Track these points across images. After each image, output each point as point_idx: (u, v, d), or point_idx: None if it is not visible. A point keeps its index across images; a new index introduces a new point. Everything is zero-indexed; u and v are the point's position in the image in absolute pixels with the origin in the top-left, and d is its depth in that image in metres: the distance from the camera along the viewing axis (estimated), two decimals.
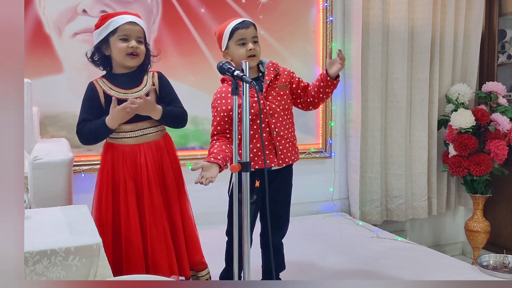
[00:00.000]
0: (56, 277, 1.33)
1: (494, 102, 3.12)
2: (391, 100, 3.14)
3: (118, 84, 1.85)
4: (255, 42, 1.89)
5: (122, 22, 1.81)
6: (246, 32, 1.87)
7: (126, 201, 1.82)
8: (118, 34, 1.81)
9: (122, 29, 1.81)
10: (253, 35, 1.89)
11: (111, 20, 1.82)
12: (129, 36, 1.82)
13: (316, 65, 3.13)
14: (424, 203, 3.22)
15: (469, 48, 3.29)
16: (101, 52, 1.86)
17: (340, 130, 3.21)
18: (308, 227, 2.87)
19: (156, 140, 1.89)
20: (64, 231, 1.47)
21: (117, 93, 1.84)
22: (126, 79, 1.87)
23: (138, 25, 1.85)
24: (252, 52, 1.87)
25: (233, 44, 1.88)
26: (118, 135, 1.85)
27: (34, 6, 2.54)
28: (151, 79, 1.91)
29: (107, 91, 1.83)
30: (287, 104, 1.96)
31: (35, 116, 2.43)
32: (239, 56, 1.87)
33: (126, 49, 1.81)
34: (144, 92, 1.86)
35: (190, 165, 2.83)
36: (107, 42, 1.83)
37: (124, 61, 1.83)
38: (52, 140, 2.49)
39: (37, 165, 1.96)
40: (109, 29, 1.81)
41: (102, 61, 1.88)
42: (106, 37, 1.83)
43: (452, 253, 3.27)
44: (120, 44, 1.81)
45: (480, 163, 2.99)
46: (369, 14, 3.04)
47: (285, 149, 1.93)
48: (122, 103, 1.80)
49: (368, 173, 3.13)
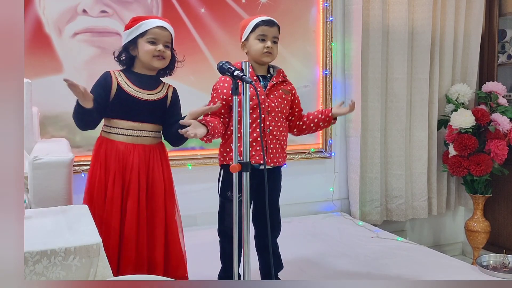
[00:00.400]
0: (56, 277, 1.33)
1: (494, 102, 3.12)
2: (391, 100, 3.14)
3: (134, 81, 1.88)
4: (274, 42, 1.93)
5: (152, 26, 1.85)
6: (269, 29, 1.91)
7: (112, 200, 1.83)
8: (147, 36, 1.85)
9: (151, 32, 1.85)
10: (275, 35, 1.93)
11: (142, 22, 1.85)
12: (157, 40, 1.86)
13: (316, 65, 3.13)
14: (424, 203, 3.22)
15: (469, 48, 3.29)
16: (128, 52, 1.89)
17: (340, 130, 3.21)
18: (308, 227, 2.87)
19: (151, 144, 1.90)
20: (64, 231, 1.47)
21: (131, 89, 1.85)
22: (144, 79, 1.89)
23: (167, 30, 1.88)
24: (269, 49, 1.90)
25: (253, 37, 1.91)
26: (115, 130, 1.86)
27: (34, 6, 2.54)
28: (166, 89, 1.94)
29: (122, 85, 1.85)
30: (286, 109, 1.98)
31: (35, 116, 2.42)
32: (256, 51, 1.90)
33: (153, 52, 1.85)
34: (156, 97, 1.89)
35: (190, 165, 2.85)
36: (135, 43, 1.87)
37: (151, 62, 1.86)
38: (52, 140, 2.49)
39: (37, 165, 1.96)
40: (138, 31, 1.85)
41: (128, 61, 1.91)
42: (135, 38, 1.86)
43: (452, 253, 3.27)
44: (148, 47, 1.85)
45: (480, 163, 2.99)
46: (369, 14, 3.05)
47: (275, 149, 1.93)
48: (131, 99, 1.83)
49: (368, 173, 3.13)
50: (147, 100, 1.87)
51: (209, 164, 2.82)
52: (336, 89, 3.17)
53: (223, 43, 2.88)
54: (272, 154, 1.92)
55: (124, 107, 1.85)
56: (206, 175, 2.81)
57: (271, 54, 1.91)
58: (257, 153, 1.88)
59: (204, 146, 2.87)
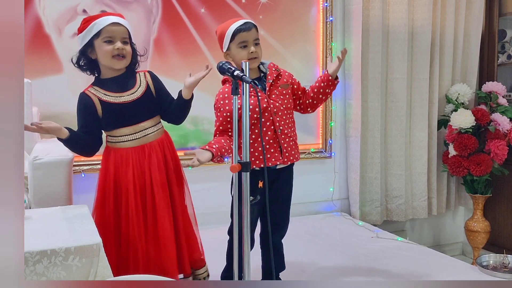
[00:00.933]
0: (56, 277, 1.33)
1: (494, 102, 3.12)
2: (391, 100, 3.14)
3: (110, 88, 1.82)
4: (256, 45, 1.91)
5: (106, 24, 1.77)
6: (248, 35, 1.88)
7: (127, 203, 1.81)
8: (102, 36, 1.77)
9: (106, 30, 1.77)
10: (255, 38, 1.91)
11: (94, 22, 1.78)
12: (114, 38, 1.78)
13: (316, 65, 3.12)
14: (424, 203, 3.21)
15: (469, 48, 3.29)
16: (87, 56, 1.82)
17: (340, 130, 3.21)
18: (308, 227, 2.87)
19: (158, 138, 1.89)
20: (64, 231, 1.47)
21: (113, 97, 1.81)
22: (117, 82, 1.84)
23: (122, 26, 1.80)
24: (253, 55, 1.88)
25: (235, 46, 1.88)
26: (118, 139, 1.84)
27: (34, 6, 2.54)
28: (144, 79, 1.89)
29: (103, 98, 1.80)
30: (289, 103, 1.98)
31: (35, 116, 2.42)
32: (241, 59, 1.88)
33: (112, 51, 1.77)
34: (140, 92, 1.84)
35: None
36: (91, 45, 1.79)
37: (111, 63, 1.80)
38: (52, 140, 2.48)
39: (37, 165, 1.96)
40: (92, 32, 1.77)
41: (89, 66, 1.85)
42: (90, 40, 1.78)
43: (452, 253, 3.27)
44: (105, 47, 1.77)
45: (480, 163, 2.99)
46: (369, 14, 3.04)
47: (289, 147, 1.94)
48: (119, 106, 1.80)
49: (368, 173, 3.13)
50: (134, 100, 1.83)
51: (209, 164, 2.80)
52: (336, 89, 3.16)
53: None
54: (288, 153, 1.93)
55: (118, 117, 1.81)
56: (206, 175, 2.81)
57: (256, 58, 1.90)
58: (272, 155, 1.89)
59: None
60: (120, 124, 1.82)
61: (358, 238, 2.72)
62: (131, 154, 1.83)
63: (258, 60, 1.92)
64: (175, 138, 2.85)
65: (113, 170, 1.83)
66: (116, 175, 1.83)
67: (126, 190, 1.81)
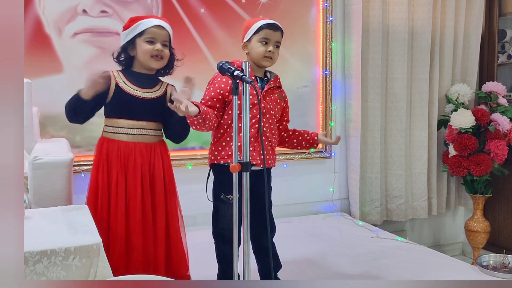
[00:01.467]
0: (56, 277, 1.33)
1: (494, 102, 3.12)
2: (391, 100, 3.14)
3: (132, 80, 1.88)
4: (277, 47, 1.93)
5: (150, 25, 1.85)
6: (272, 34, 1.91)
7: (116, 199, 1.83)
8: (144, 36, 1.85)
9: (149, 31, 1.85)
10: (277, 40, 1.93)
11: (139, 22, 1.86)
12: (155, 39, 1.86)
13: (316, 65, 3.13)
14: (424, 203, 3.22)
15: (469, 48, 3.29)
16: (127, 52, 1.89)
17: (340, 130, 3.21)
18: (308, 227, 2.87)
19: (152, 143, 1.90)
20: (64, 231, 1.47)
21: (130, 88, 1.86)
22: (142, 78, 1.90)
23: (164, 29, 1.88)
24: (270, 54, 1.91)
25: (256, 40, 1.91)
26: (116, 129, 1.87)
27: (34, 6, 2.54)
28: (164, 88, 1.94)
29: (120, 84, 1.85)
30: (278, 113, 2.00)
31: (35, 116, 2.42)
32: (257, 53, 1.90)
33: (151, 51, 1.85)
34: (155, 95, 1.89)
35: (190, 165, 2.85)
36: (133, 43, 1.87)
37: (148, 62, 1.87)
38: (52, 140, 2.49)
39: (37, 165, 1.96)
40: (136, 31, 1.85)
41: (127, 61, 1.91)
42: (133, 38, 1.86)
43: (452, 253, 3.27)
44: (145, 46, 1.85)
45: (480, 163, 2.99)
46: (369, 14, 3.05)
47: (267, 151, 1.93)
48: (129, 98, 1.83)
49: (368, 173, 3.13)
50: (146, 99, 1.87)
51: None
52: (336, 89, 3.17)
53: (223, 43, 2.88)
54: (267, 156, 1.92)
55: (124, 106, 1.85)
56: (206, 175, 2.81)
57: (271, 59, 1.92)
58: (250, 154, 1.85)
59: (204, 146, 2.87)
60: (121, 115, 1.85)
61: (358, 238, 2.72)
62: (122, 148, 1.85)
63: (272, 62, 1.94)
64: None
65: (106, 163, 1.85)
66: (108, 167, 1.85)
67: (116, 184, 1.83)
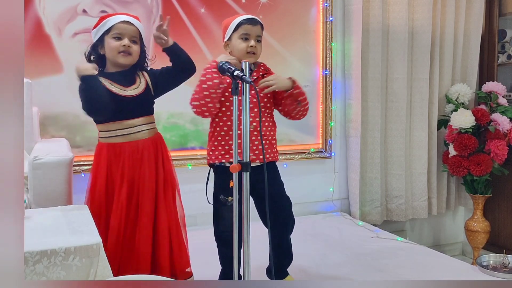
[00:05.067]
0: (56, 277, 1.33)
1: (494, 102, 3.12)
2: (391, 100, 3.14)
3: (117, 81, 1.86)
4: (258, 41, 1.91)
5: (117, 21, 1.83)
6: (252, 28, 1.89)
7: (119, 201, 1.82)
8: (112, 32, 1.83)
9: (116, 27, 1.83)
10: (258, 34, 1.91)
11: (107, 19, 1.84)
12: (122, 35, 1.83)
13: (316, 65, 3.13)
14: (424, 203, 3.22)
15: (469, 48, 3.29)
16: (97, 51, 1.87)
17: (340, 130, 3.21)
18: (308, 227, 2.87)
19: (149, 137, 1.90)
20: (64, 231, 1.47)
21: (119, 89, 1.84)
22: (120, 77, 1.87)
23: (133, 25, 1.85)
24: (252, 49, 1.88)
25: (236, 37, 1.90)
26: (112, 133, 1.85)
27: (34, 6, 2.54)
28: (143, 78, 1.92)
29: (108, 86, 1.83)
30: (269, 102, 1.96)
31: (35, 116, 2.42)
32: (239, 50, 1.89)
33: (118, 47, 1.82)
34: (141, 89, 1.87)
35: (190, 165, 2.85)
36: (102, 41, 1.85)
37: (116, 58, 1.84)
38: (52, 140, 2.49)
39: (37, 165, 1.96)
40: (104, 28, 1.83)
41: (98, 61, 1.89)
42: (102, 36, 1.84)
43: (452, 253, 3.27)
44: (113, 43, 1.83)
45: (480, 163, 2.99)
46: (369, 14, 3.04)
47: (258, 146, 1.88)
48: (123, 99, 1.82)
49: (368, 173, 3.13)
50: (136, 95, 1.86)
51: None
52: (336, 89, 3.17)
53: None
54: (258, 151, 1.88)
55: (115, 108, 1.82)
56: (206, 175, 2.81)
57: (254, 54, 1.90)
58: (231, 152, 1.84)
59: (204, 146, 2.86)
60: (114, 117, 1.84)
61: (358, 238, 2.72)
62: (126, 147, 1.84)
63: (256, 57, 1.92)
64: (175, 138, 2.87)
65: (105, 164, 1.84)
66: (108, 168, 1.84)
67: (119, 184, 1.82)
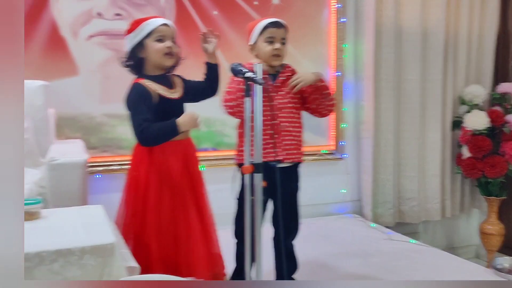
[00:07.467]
0: (72, 276, 1.35)
1: (508, 103, 3.09)
2: (404, 101, 3.12)
3: (163, 84, 1.87)
4: (283, 44, 1.94)
5: (157, 24, 1.85)
6: (277, 31, 1.93)
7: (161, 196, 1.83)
8: (154, 35, 1.84)
9: (158, 30, 1.84)
10: (283, 36, 1.95)
11: (145, 23, 1.85)
12: (165, 37, 1.85)
13: (328, 66, 3.12)
14: (437, 205, 3.19)
15: (483, 48, 3.25)
16: (136, 55, 1.86)
17: (353, 131, 3.20)
18: (320, 229, 2.87)
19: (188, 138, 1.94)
20: (80, 231, 1.49)
21: (167, 92, 1.85)
22: (163, 80, 1.88)
23: (171, 27, 1.89)
24: (277, 52, 1.92)
25: (262, 40, 1.93)
26: None
27: (49, 9, 2.58)
28: (179, 80, 1.95)
29: (159, 91, 1.83)
30: (298, 103, 1.98)
31: (51, 118, 2.46)
32: (265, 53, 1.92)
33: (164, 49, 1.84)
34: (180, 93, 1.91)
35: (204, 166, 2.86)
36: (142, 45, 1.85)
37: (161, 61, 1.85)
38: (68, 141, 2.53)
39: (53, 166, 1.99)
40: (144, 32, 1.83)
41: (137, 65, 1.88)
42: (142, 40, 1.84)
43: (466, 256, 3.23)
44: (157, 45, 1.84)
45: (494, 165, 2.96)
46: (381, 15, 3.03)
47: (290, 145, 1.92)
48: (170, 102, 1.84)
49: (381, 175, 3.11)
50: (179, 98, 1.90)
51: (222, 165, 2.82)
52: (348, 90, 3.16)
53: (236, 45, 2.89)
54: (286, 151, 1.91)
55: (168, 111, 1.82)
56: (219, 176, 2.79)
57: (279, 56, 1.93)
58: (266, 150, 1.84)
59: (216, 147, 2.88)
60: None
61: (371, 240, 2.72)
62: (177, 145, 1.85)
63: (281, 59, 1.95)
64: None
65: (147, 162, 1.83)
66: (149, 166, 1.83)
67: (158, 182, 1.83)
